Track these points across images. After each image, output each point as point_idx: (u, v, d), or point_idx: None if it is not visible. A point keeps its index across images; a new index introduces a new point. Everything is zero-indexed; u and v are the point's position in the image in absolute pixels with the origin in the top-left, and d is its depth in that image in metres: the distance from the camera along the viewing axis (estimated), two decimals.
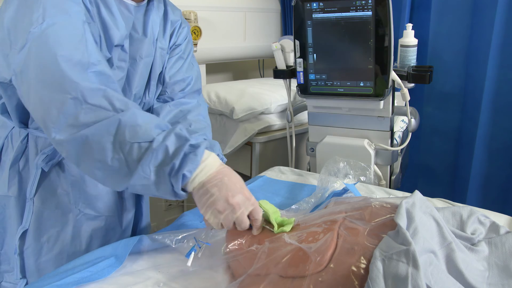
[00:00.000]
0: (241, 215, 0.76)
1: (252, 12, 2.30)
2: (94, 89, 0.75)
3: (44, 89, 0.75)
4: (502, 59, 1.60)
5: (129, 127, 0.74)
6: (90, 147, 0.74)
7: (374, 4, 1.17)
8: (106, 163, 0.74)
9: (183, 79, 1.11)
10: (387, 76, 1.24)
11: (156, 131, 0.75)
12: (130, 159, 0.74)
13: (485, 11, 1.60)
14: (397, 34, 1.66)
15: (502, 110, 1.64)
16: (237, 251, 0.78)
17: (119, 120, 0.74)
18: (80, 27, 0.80)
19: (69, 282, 0.74)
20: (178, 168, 0.73)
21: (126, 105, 0.76)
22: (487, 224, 0.87)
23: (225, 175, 0.78)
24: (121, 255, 0.82)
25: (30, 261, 0.95)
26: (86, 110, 0.74)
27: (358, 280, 0.61)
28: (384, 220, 0.72)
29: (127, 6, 0.96)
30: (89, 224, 0.97)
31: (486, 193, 1.76)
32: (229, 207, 0.75)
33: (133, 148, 0.73)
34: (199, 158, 0.75)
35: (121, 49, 0.93)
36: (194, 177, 0.76)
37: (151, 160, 0.73)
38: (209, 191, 0.75)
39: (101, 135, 0.73)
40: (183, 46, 1.13)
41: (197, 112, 1.11)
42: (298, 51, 1.32)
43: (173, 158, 0.73)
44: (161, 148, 0.73)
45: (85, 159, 0.76)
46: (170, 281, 0.78)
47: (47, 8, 0.78)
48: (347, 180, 1.20)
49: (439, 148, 1.90)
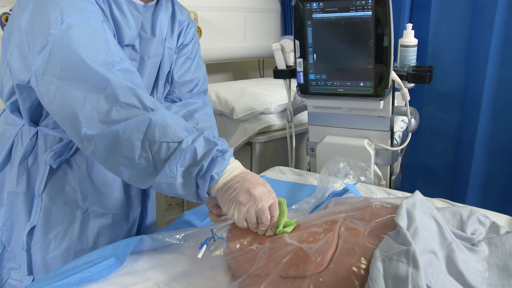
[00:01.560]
0: (262, 207, 0.76)
1: (252, 12, 2.30)
2: (125, 87, 0.77)
3: (75, 88, 0.76)
4: (502, 59, 1.60)
5: (159, 126, 0.75)
6: (119, 143, 0.75)
7: (374, 4, 1.17)
8: (134, 161, 0.76)
9: (191, 80, 1.13)
10: (387, 76, 1.24)
11: (184, 133, 0.77)
12: (157, 158, 0.75)
13: (485, 11, 1.60)
14: (397, 34, 1.66)
15: (502, 110, 1.64)
16: (238, 252, 0.78)
17: (150, 119, 0.75)
18: (99, 27, 0.81)
19: (70, 282, 0.74)
20: (206, 170, 0.75)
21: (155, 105, 0.78)
22: (487, 224, 0.87)
23: (248, 173, 0.80)
24: (121, 255, 0.82)
25: (37, 258, 0.96)
26: (117, 107, 0.76)
27: (359, 280, 0.61)
28: (384, 221, 0.73)
29: (136, 6, 0.97)
30: (96, 221, 0.98)
31: (486, 193, 1.76)
32: (251, 198, 0.75)
33: (161, 147, 0.75)
34: (227, 161, 0.77)
35: (132, 49, 0.95)
36: (218, 180, 0.78)
37: (179, 160, 0.75)
38: (232, 187, 0.77)
39: (132, 132, 0.75)
40: (191, 46, 1.14)
41: (204, 111, 1.13)
42: (298, 51, 1.32)
43: (201, 161, 0.75)
44: (190, 149, 0.75)
45: (113, 155, 0.77)
46: (170, 282, 0.78)
47: (64, 8, 0.79)
48: (347, 180, 1.20)
49: (439, 148, 1.90)
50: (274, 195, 0.79)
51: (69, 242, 0.97)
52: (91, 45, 0.78)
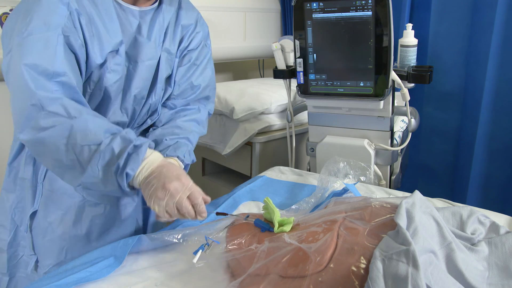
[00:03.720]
0: (179, 200, 0.82)
1: (252, 12, 2.30)
2: (52, 98, 0.84)
3: (13, 94, 0.86)
4: (502, 59, 1.60)
5: (80, 131, 0.83)
6: (48, 148, 0.84)
7: (374, 4, 1.17)
8: (62, 162, 0.84)
9: (192, 87, 1.14)
10: (387, 76, 1.24)
11: (105, 135, 0.84)
12: (82, 160, 0.83)
13: (485, 11, 1.60)
14: (397, 34, 1.66)
15: (502, 110, 1.64)
16: (237, 251, 0.78)
17: (71, 125, 0.83)
18: (53, 39, 0.86)
19: (69, 282, 0.74)
20: (122, 167, 0.82)
21: (79, 112, 0.85)
22: (487, 224, 0.87)
23: (164, 167, 0.85)
24: (120, 255, 0.82)
25: (38, 239, 1.05)
26: (44, 115, 0.83)
27: (358, 280, 0.61)
28: (384, 220, 0.72)
29: (131, 11, 1.00)
30: (90, 210, 1.04)
31: (486, 193, 1.76)
32: (168, 193, 0.81)
33: (83, 150, 0.83)
34: (141, 156, 0.83)
35: (116, 53, 0.97)
36: (137, 174, 0.84)
37: (98, 160, 0.82)
38: (150, 182, 0.83)
39: (56, 137, 0.83)
40: (196, 52, 1.14)
41: (192, 117, 1.14)
42: (298, 51, 1.31)
43: (118, 158, 0.82)
44: (107, 149, 0.83)
45: (44, 158, 0.87)
46: (169, 281, 0.77)
47: (33, 19, 0.86)
48: (347, 180, 1.20)
49: (439, 148, 1.90)
50: (190, 186, 0.84)
51: (64, 227, 1.03)
52: (37, 54, 0.84)
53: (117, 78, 0.98)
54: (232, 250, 0.79)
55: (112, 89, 0.99)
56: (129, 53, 1.00)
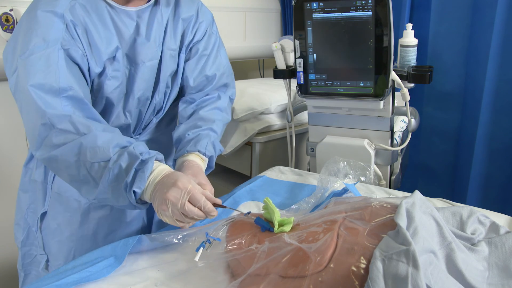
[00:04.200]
0: (182, 206, 0.80)
1: (252, 12, 2.30)
2: (61, 115, 0.85)
3: (24, 114, 0.88)
4: (502, 59, 1.60)
5: (89, 148, 0.84)
6: (61, 164, 0.86)
7: (374, 4, 1.17)
8: (77, 177, 0.86)
9: (207, 78, 1.13)
10: (387, 76, 1.24)
11: (113, 151, 0.85)
12: (94, 176, 0.84)
13: (485, 11, 1.60)
14: (397, 34, 1.66)
15: (502, 110, 1.64)
16: (237, 251, 0.78)
17: (81, 142, 0.84)
18: (54, 56, 0.88)
19: (69, 282, 0.74)
20: (129, 184, 0.82)
21: (88, 129, 0.86)
22: (487, 224, 0.87)
23: (165, 177, 0.84)
24: (120, 255, 0.82)
25: (48, 240, 1.09)
26: (56, 133, 0.85)
27: (358, 280, 0.61)
28: (384, 220, 0.72)
29: (127, 13, 0.98)
30: (97, 212, 1.06)
31: (486, 193, 1.76)
32: (169, 203, 0.80)
33: (93, 166, 0.84)
34: (147, 174, 0.83)
35: (114, 60, 0.97)
36: (145, 190, 0.84)
37: (108, 177, 0.83)
38: (155, 197, 0.83)
39: (67, 155, 0.84)
40: (203, 43, 1.12)
41: (213, 106, 1.13)
42: (298, 51, 1.31)
43: (125, 176, 0.82)
44: (115, 166, 0.83)
45: (61, 173, 0.89)
46: (169, 281, 0.77)
47: (32, 38, 0.88)
48: (347, 180, 1.20)
49: (439, 148, 1.90)
50: (189, 188, 0.81)
51: (72, 228, 1.06)
52: (40, 73, 0.86)
53: (117, 84, 0.98)
54: (232, 250, 0.79)
55: (113, 95, 0.99)
56: (129, 55, 0.99)
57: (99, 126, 0.88)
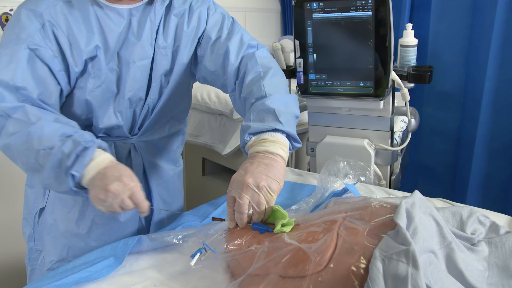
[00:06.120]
0: (121, 200, 0.83)
1: (252, 12, 2.30)
2: (15, 106, 0.89)
3: None
4: (502, 59, 1.60)
5: (36, 137, 0.87)
6: (13, 152, 0.90)
7: (374, 4, 1.17)
8: (27, 165, 0.89)
9: (232, 64, 1.04)
10: (387, 76, 1.24)
11: (59, 139, 0.87)
12: (41, 163, 0.87)
13: (485, 11, 1.60)
14: (397, 34, 1.66)
15: (502, 110, 1.64)
16: (237, 251, 0.78)
17: (29, 131, 0.87)
18: (18, 54, 0.91)
19: (68, 282, 0.74)
20: (69, 168, 0.84)
21: (38, 118, 0.89)
22: (487, 224, 0.87)
23: (108, 168, 0.85)
24: (120, 255, 0.82)
25: (43, 234, 1.11)
26: (11, 122, 0.89)
27: (358, 280, 0.61)
28: (383, 220, 0.72)
29: (117, 11, 0.98)
30: (93, 209, 1.07)
31: (486, 193, 1.76)
32: (109, 194, 0.82)
33: (39, 154, 0.86)
34: (87, 158, 0.85)
35: (94, 59, 0.98)
36: (84, 176, 0.85)
37: (51, 163, 0.85)
38: (94, 184, 0.84)
39: (18, 143, 0.88)
40: (209, 28, 1.08)
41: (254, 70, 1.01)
42: (298, 51, 1.31)
43: (66, 161, 0.84)
44: (58, 152, 0.85)
45: (16, 161, 0.92)
46: (169, 281, 0.77)
47: (10, 33, 0.93)
48: (347, 180, 1.20)
49: (439, 148, 1.90)
50: (131, 186, 0.83)
51: (67, 225, 1.08)
52: (3, 68, 0.90)
53: (98, 83, 0.99)
54: (232, 251, 0.79)
55: (94, 94, 0.99)
56: (121, 54, 0.99)
57: (50, 116, 0.91)
